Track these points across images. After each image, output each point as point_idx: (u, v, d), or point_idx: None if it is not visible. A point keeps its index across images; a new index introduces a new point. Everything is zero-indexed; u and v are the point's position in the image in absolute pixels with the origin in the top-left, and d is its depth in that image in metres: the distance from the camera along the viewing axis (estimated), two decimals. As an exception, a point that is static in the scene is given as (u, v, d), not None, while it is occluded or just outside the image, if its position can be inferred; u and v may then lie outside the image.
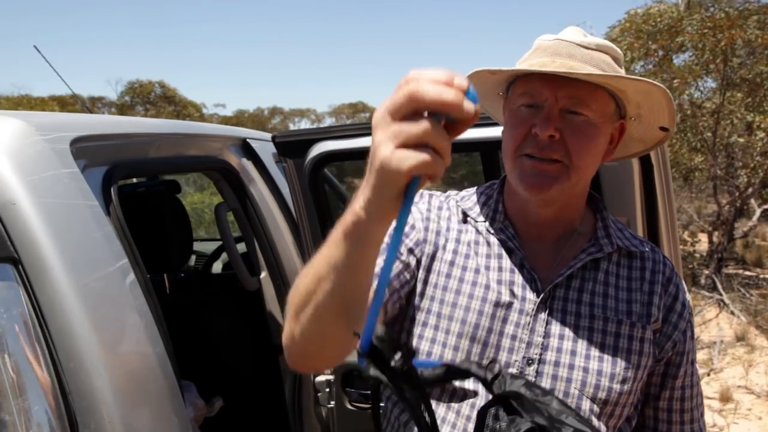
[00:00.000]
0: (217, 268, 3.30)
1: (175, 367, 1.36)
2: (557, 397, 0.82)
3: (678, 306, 1.18)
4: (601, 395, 1.10)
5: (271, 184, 2.42)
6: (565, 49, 1.10)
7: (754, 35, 7.76)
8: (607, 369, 1.10)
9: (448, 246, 1.18)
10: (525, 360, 1.11)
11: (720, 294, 8.06)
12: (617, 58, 1.14)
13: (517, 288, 1.14)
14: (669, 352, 1.17)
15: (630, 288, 1.16)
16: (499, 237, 1.18)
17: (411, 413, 0.77)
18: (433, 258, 1.17)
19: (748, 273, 10.04)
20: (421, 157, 0.65)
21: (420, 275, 1.17)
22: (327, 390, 2.08)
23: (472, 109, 0.65)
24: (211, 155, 2.21)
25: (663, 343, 1.17)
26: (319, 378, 2.11)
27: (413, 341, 1.15)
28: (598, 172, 1.70)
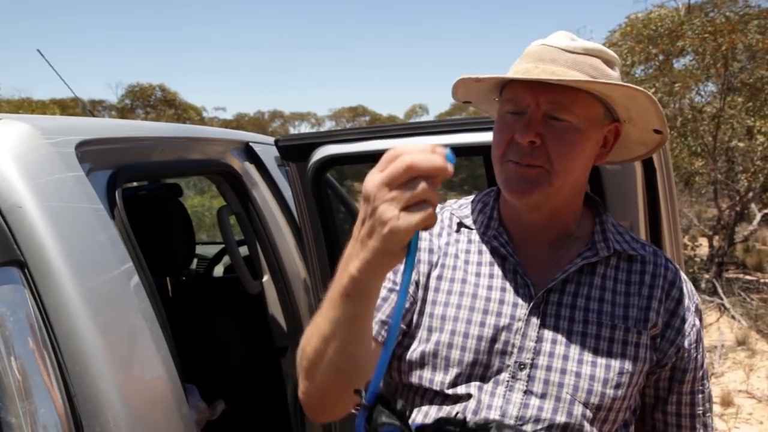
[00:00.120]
0: (219, 271, 3.31)
1: (180, 370, 1.37)
2: None
3: (682, 310, 1.17)
4: (594, 400, 1.10)
5: (274, 187, 2.43)
6: (550, 55, 1.10)
7: (754, 40, 7.77)
8: (600, 374, 1.10)
9: (440, 261, 1.21)
10: (517, 365, 1.11)
11: (721, 298, 8.06)
12: (609, 60, 1.13)
13: (509, 294, 1.15)
14: (673, 357, 1.16)
15: (628, 292, 1.16)
16: (493, 244, 1.19)
17: None
18: (429, 276, 1.20)
19: (748, 277, 10.04)
20: (426, 213, 0.78)
21: (418, 295, 1.19)
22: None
23: (451, 168, 0.79)
24: (214, 159, 2.21)
25: (665, 348, 1.16)
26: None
27: (407, 355, 1.17)
28: (600, 176, 1.72)
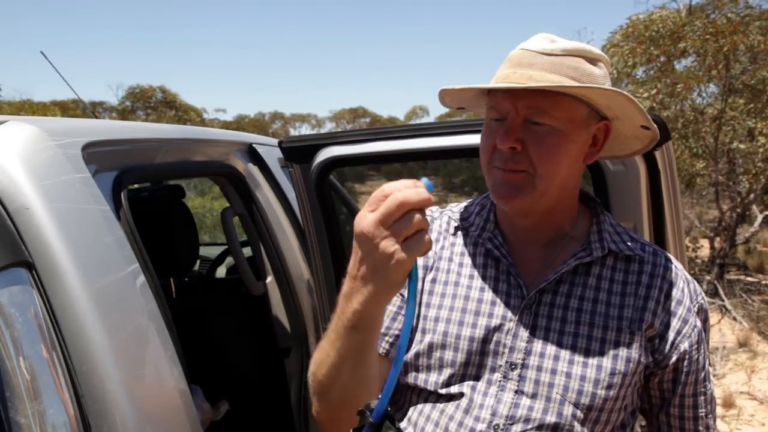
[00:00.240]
0: (221, 272, 3.31)
1: (186, 371, 1.37)
2: None
3: (682, 311, 1.16)
4: (584, 401, 1.10)
5: (277, 189, 2.44)
6: (528, 59, 1.10)
7: (756, 41, 7.77)
8: (591, 374, 1.11)
9: (435, 264, 1.23)
10: (508, 365, 1.13)
11: (722, 300, 8.05)
12: (593, 58, 1.12)
13: (501, 295, 1.17)
14: (674, 358, 1.16)
15: (624, 293, 1.16)
16: (487, 246, 1.21)
17: None
18: (424, 280, 1.23)
19: (750, 279, 10.03)
20: (423, 241, 0.88)
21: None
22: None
23: (431, 198, 0.89)
24: (218, 160, 2.22)
25: (663, 349, 1.15)
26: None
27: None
28: (604, 177, 1.72)
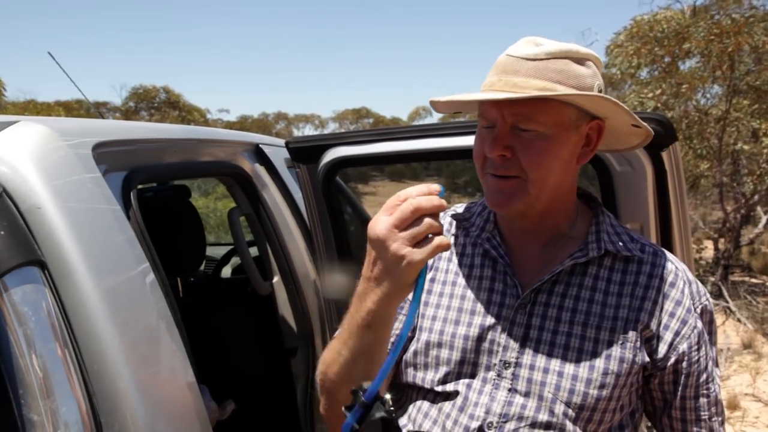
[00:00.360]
0: (226, 272, 3.32)
1: (195, 370, 1.38)
2: None
3: (681, 312, 1.16)
4: (576, 400, 1.11)
5: (284, 189, 2.45)
6: (512, 66, 1.10)
7: (761, 42, 7.76)
8: (583, 374, 1.11)
9: (434, 264, 1.26)
10: (502, 363, 1.15)
11: (726, 301, 8.04)
12: (580, 58, 1.11)
13: (497, 294, 1.19)
14: (671, 358, 1.15)
15: (621, 293, 1.16)
16: (485, 246, 1.23)
17: None
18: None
19: (754, 280, 10.01)
20: (434, 244, 0.93)
21: None
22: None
23: (444, 203, 0.94)
24: (225, 160, 2.23)
25: (661, 350, 1.15)
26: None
27: (404, 355, 1.23)
28: (611, 178, 1.72)
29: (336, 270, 2.09)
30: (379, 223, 0.94)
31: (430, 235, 0.93)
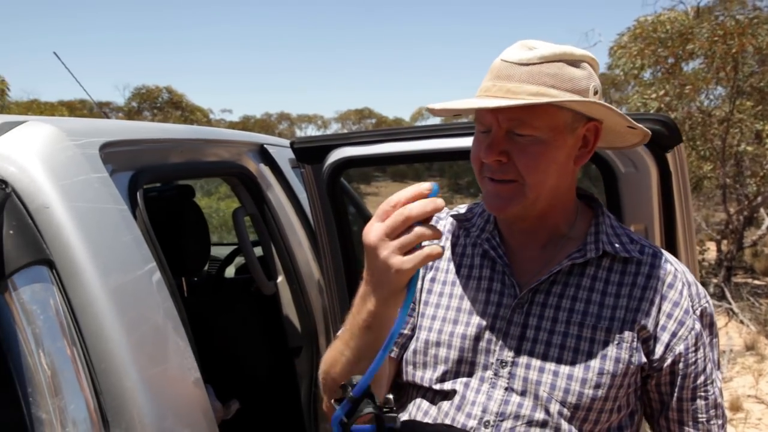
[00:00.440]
0: (230, 272, 3.33)
1: (201, 369, 1.39)
2: None
3: (678, 313, 1.15)
4: (571, 399, 1.12)
5: (288, 189, 2.46)
6: (505, 71, 1.10)
7: (765, 43, 7.75)
8: (579, 374, 1.12)
9: (434, 264, 1.27)
10: (499, 362, 1.16)
11: (729, 303, 8.03)
12: (576, 60, 1.11)
13: (495, 294, 1.20)
14: (668, 359, 1.15)
15: (618, 294, 1.16)
16: (485, 247, 1.23)
17: None
18: (423, 279, 1.27)
19: (757, 282, 9.99)
20: (425, 253, 0.92)
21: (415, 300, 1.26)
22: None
23: (440, 201, 0.92)
24: (230, 161, 2.24)
25: (659, 351, 1.15)
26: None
27: (404, 354, 1.25)
28: (616, 179, 1.72)
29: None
30: (372, 231, 0.94)
31: (422, 243, 0.93)
